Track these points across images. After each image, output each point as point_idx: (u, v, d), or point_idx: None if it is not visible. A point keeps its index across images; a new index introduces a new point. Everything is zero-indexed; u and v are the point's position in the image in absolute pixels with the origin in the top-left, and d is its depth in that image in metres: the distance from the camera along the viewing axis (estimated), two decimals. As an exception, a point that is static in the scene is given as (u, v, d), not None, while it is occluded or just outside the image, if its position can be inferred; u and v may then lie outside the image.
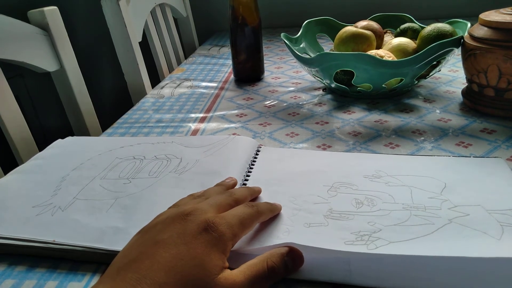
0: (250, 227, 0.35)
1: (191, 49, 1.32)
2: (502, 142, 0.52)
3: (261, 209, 0.37)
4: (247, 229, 0.34)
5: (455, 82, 0.75)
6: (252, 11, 0.79)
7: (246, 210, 0.35)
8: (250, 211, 0.35)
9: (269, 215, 0.38)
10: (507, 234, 0.34)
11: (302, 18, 0.88)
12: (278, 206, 0.40)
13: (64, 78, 0.76)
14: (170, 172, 0.47)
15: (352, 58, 0.62)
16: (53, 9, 0.72)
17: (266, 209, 0.38)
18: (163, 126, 0.65)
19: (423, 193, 0.40)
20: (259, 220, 0.36)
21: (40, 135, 0.89)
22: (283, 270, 0.32)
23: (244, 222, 0.33)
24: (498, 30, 0.56)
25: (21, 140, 0.66)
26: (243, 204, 0.36)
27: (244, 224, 0.33)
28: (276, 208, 0.39)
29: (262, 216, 0.37)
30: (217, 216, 0.32)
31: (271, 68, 0.92)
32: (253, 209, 0.35)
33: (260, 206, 0.37)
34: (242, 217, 0.34)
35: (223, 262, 0.30)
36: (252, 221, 0.35)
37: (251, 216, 0.35)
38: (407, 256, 0.31)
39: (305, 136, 0.58)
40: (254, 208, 0.36)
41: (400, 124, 0.59)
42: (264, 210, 0.37)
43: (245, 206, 0.36)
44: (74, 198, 0.44)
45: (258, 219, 0.36)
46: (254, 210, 0.35)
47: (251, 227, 0.35)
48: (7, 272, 0.36)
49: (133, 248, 0.31)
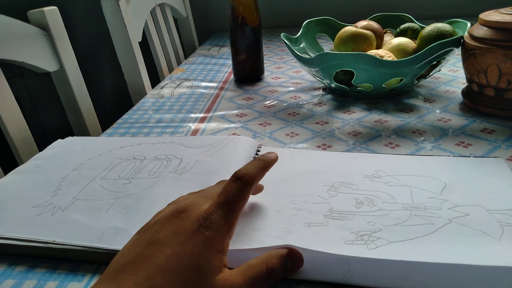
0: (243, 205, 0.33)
1: (191, 49, 1.32)
2: (502, 142, 0.52)
3: (250, 177, 0.33)
4: (240, 209, 0.32)
5: (455, 82, 0.75)
6: (252, 11, 0.79)
7: (232, 187, 0.33)
8: (236, 187, 0.33)
9: (262, 175, 0.35)
10: (507, 234, 0.34)
11: (302, 18, 0.88)
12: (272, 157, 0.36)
13: (64, 78, 0.76)
14: (170, 172, 0.47)
15: (352, 58, 0.62)
16: (53, 9, 0.72)
17: (256, 170, 0.34)
18: (163, 126, 0.65)
19: (423, 193, 0.40)
20: (251, 188, 0.34)
21: (40, 135, 0.89)
22: (282, 272, 0.31)
23: (234, 206, 0.32)
24: (498, 30, 0.56)
25: (21, 140, 0.66)
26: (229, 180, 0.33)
27: (234, 209, 0.32)
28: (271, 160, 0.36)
29: (254, 182, 0.34)
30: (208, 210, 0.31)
31: (271, 68, 0.92)
32: (240, 183, 0.33)
33: (248, 173, 0.33)
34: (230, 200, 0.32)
35: (221, 262, 0.29)
36: (243, 197, 0.33)
37: (240, 193, 0.32)
38: (407, 262, 0.31)
39: (305, 136, 0.58)
40: (241, 182, 0.33)
41: (400, 124, 0.59)
42: (253, 175, 0.34)
43: (231, 182, 0.33)
44: (74, 198, 0.44)
45: (249, 189, 0.33)
46: (241, 183, 0.33)
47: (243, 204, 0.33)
48: (7, 272, 0.36)
49: (130, 248, 0.30)
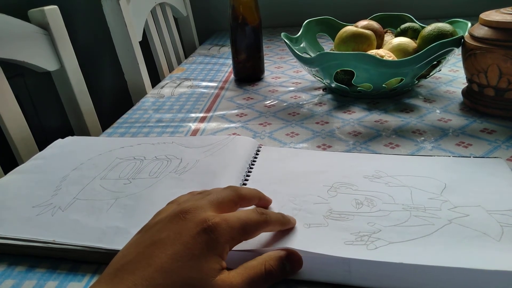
0: (253, 235, 0.32)
1: (191, 49, 1.32)
2: (502, 142, 0.52)
3: (270, 219, 0.33)
4: (249, 236, 0.32)
5: (455, 82, 0.75)
6: (252, 11, 0.79)
7: (253, 216, 0.32)
8: (257, 218, 0.32)
9: (278, 227, 0.35)
10: (507, 235, 0.34)
11: (302, 18, 0.88)
12: (291, 220, 0.36)
13: (64, 77, 0.76)
14: (170, 172, 0.47)
15: (353, 58, 0.62)
16: (54, 8, 0.72)
17: (276, 220, 0.34)
18: (163, 126, 0.65)
19: (423, 194, 0.40)
20: (265, 229, 0.33)
21: (40, 135, 0.89)
22: (280, 273, 0.31)
23: (247, 228, 0.31)
24: (498, 30, 0.56)
25: (21, 140, 0.66)
26: (252, 209, 0.33)
27: (246, 230, 0.31)
28: (289, 222, 0.36)
29: (270, 226, 0.33)
30: (218, 216, 0.30)
31: (271, 68, 0.92)
32: (261, 217, 0.32)
33: (270, 216, 0.33)
34: (246, 222, 0.31)
35: (220, 264, 0.29)
36: (256, 229, 0.32)
37: (256, 224, 0.32)
38: (406, 264, 0.31)
39: (305, 136, 0.58)
40: (262, 216, 0.32)
41: (400, 124, 0.59)
42: (273, 221, 0.34)
43: (253, 211, 0.33)
44: (74, 198, 0.44)
45: (264, 228, 0.33)
46: (262, 218, 0.32)
47: (254, 234, 0.32)
48: (7, 272, 0.36)
49: (131, 248, 0.30)
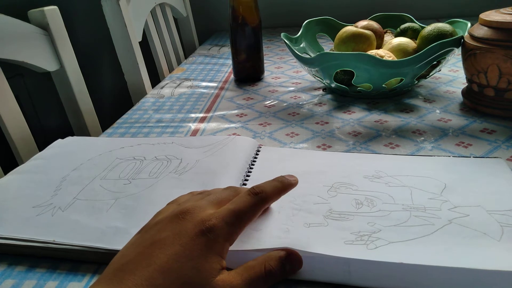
0: (253, 218, 0.32)
1: (191, 49, 1.32)
2: (502, 142, 0.52)
3: (266, 195, 0.33)
4: (248, 222, 0.32)
5: (455, 82, 0.75)
6: (252, 11, 0.79)
7: (247, 201, 0.32)
8: (251, 202, 0.32)
9: (278, 196, 0.35)
10: (507, 235, 0.34)
11: (302, 18, 0.88)
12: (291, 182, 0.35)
13: (64, 77, 0.76)
14: (170, 172, 0.47)
15: (352, 58, 0.62)
16: (53, 8, 0.72)
17: (274, 191, 0.34)
18: (163, 126, 0.65)
19: (423, 194, 0.40)
20: (264, 206, 0.33)
21: (40, 135, 0.89)
22: (280, 273, 0.31)
23: (243, 217, 0.31)
24: (498, 30, 0.56)
25: (21, 140, 0.66)
26: (246, 192, 0.33)
27: (242, 219, 0.31)
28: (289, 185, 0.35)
29: (269, 201, 0.33)
30: (213, 215, 0.31)
31: (271, 68, 0.92)
32: (255, 198, 0.32)
33: (265, 192, 0.33)
34: (241, 210, 0.31)
35: (220, 264, 0.29)
36: (254, 213, 0.32)
37: (253, 208, 0.32)
38: (406, 264, 0.31)
39: (305, 136, 0.58)
40: (257, 197, 0.32)
41: (400, 124, 0.59)
42: (270, 195, 0.33)
43: (247, 195, 0.33)
44: (74, 198, 0.44)
45: (263, 207, 0.33)
46: (256, 199, 0.32)
47: (253, 218, 0.32)
48: (7, 272, 0.36)
49: (131, 248, 0.30)
